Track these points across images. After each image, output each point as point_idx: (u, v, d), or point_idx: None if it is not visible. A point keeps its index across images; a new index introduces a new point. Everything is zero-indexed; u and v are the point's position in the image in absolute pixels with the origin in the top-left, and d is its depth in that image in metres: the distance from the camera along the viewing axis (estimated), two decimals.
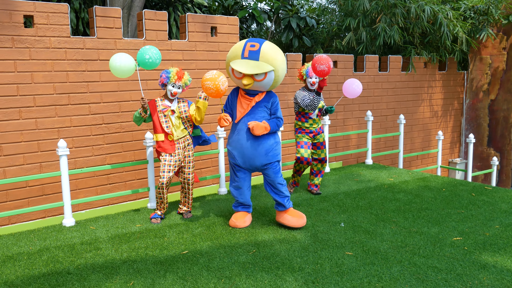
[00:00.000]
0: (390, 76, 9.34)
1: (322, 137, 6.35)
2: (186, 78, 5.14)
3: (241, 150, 4.97)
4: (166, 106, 5.17)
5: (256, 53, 4.76)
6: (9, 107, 5.17)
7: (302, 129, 6.24)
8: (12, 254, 4.49)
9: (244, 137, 4.93)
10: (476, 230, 5.01)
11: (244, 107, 4.98)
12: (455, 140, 10.93)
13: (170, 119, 5.17)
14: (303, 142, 6.17)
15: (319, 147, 6.33)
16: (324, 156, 6.38)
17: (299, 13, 11.66)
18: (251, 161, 4.97)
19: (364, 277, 3.89)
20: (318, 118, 6.28)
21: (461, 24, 9.60)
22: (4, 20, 5.05)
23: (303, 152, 6.09)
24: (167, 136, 5.16)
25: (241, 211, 5.27)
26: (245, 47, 4.82)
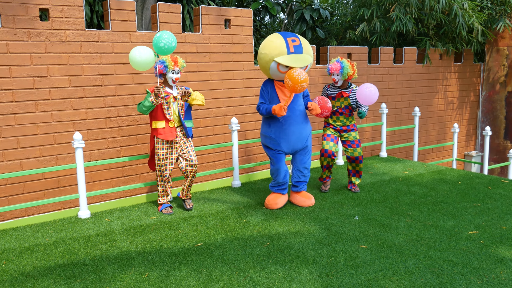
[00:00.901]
0: (405, 68, 9.24)
1: (352, 136, 6.09)
2: (181, 61, 5.25)
3: (288, 135, 5.42)
4: (167, 93, 5.25)
5: (300, 47, 5.23)
6: (25, 100, 5.22)
7: (328, 123, 6.19)
8: (29, 246, 4.56)
9: (292, 123, 5.40)
10: (493, 223, 4.95)
11: (288, 95, 5.35)
12: (471, 133, 10.80)
13: (171, 105, 5.25)
14: (326, 134, 6.11)
15: (349, 145, 6.09)
16: (358, 156, 6.07)
17: (313, 5, 11.57)
18: (294, 145, 5.48)
19: (379, 270, 3.87)
20: (345, 117, 6.06)
21: (477, 14, 9.44)
22: (20, 14, 5.08)
23: (324, 144, 6.04)
24: (168, 122, 5.25)
25: (275, 192, 5.63)
26: (287, 42, 5.18)
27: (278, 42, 5.17)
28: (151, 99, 5.06)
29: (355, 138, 6.11)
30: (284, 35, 5.24)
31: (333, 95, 6.09)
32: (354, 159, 6.11)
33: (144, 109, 5.13)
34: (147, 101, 5.07)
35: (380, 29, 9.45)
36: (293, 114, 5.40)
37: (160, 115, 5.23)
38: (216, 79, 6.66)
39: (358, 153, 6.11)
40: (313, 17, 11.22)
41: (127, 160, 5.68)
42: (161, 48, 4.89)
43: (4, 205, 5.22)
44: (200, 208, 5.62)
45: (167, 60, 5.12)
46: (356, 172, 6.25)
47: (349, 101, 6.04)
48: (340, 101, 6.05)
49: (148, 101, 5.07)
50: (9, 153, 5.19)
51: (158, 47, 4.89)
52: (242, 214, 5.35)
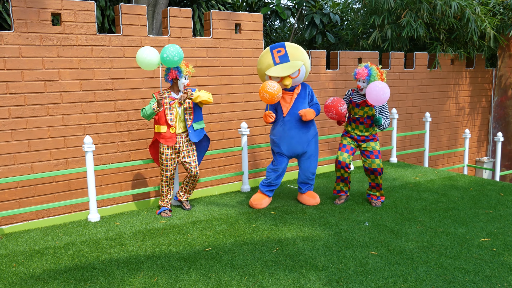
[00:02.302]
0: (416, 73, 9.18)
1: (371, 146, 5.71)
2: (191, 67, 5.33)
3: (287, 139, 5.61)
4: (173, 98, 5.30)
5: (285, 56, 5.50)
6: (37, 103, 5.26)
7: (346, 131, 5.85)
8: (39, 248, 4.58)
9: (291, 127, 5.59)
10: (505, 231, 4.89)
11: (288, 101, 5.62)
12: (482, 139, 10.70)
13: (176, 111, 5.29)
14: (342, 144, 5.79)
15: (368, 155, 5.69)
16: (376, 167, 5.65)
17: (323, 9, 11.56)
18: (294, 148, 5.65)
19: (389, 277, 3.83)
20: (365, 127, 5.69)
21: (489, 20, 9.36)
22: (33, 18, 5.13)
23: (338, 154, 5.75)
24: (169, 128, 5.29)
25: (264, 193, 5.81)
26: (273, 54, 5.52)
27: (266, 56, 5.56)
28: (153, 107, 5.14)
29: (374, 149, 5.70)
30: (271, 48, 5.56)
31: (357, 102, 5.69)
32: (372, 170, 5.69)
33: (147, 115, 5.21)
34: (150, 107, 5.16)
35: (391, 35, 9.41)
36: (293, 119, 5.59)
37: (162, 120, 5.29)
38: (226, 83, 6.66)
39: (377, 165, 5.67)
40: (323, 21, 11.21)
41: (137, 164, 5.70)
42: (164, 58, 5.02)
43: (15, 208, 5.25)
44: (209, 212, 5.62)
45: (181, 65, 5.19)
46: (376, 185, 5.81)
47: (373, 111, 5.63)
48: (364, 110, 5.64)
49: (151, 108, 5.16)
50: (20, 156, 5.23)
51: (162, 56, 5.03)
52: (251, 219, 5.33)
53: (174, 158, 5.40)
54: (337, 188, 5.95)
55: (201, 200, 6.20)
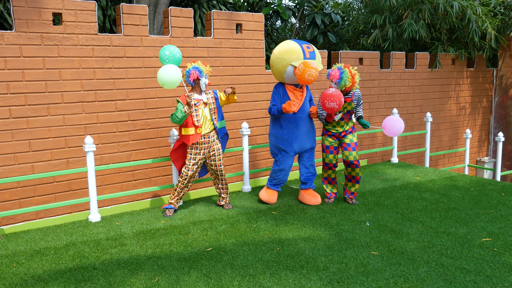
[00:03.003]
0: (417, 73, 9.17)
1: (349, 138, 5.77)
2: (208, 67, 5.38)
3: (300, 136, 5.74)
4: (198, 100, 5.32)
5: (313, 53, 5.66)
6: (37, 103, 5.26)
7: (326, 130, 5.86)
8: (39, 249, 4.58)
9: (303, 124, 5.75)
10: (506, 231, 4.88)
11: (299, 98, 5.71)
12: (483, 139, 10.68)
13: (202, 111, 5.32)
14: (324, 145, 5.84)
15: (345, 148, 5.74)
16: (353, 160, 5.71)
17: (324, 9, 11.55)
18: (305, 144, 5.81)
19: (390, 278, 3.83)
20: (345, 122, 5.76)
21: (490, 20, 9.35)
22: (34, 18, 5.13)
23: (324, 156, 5.87)
24: (196, 129, 5.30)
25: (274, 190, 5.95)
26: (303, 49, 5.60)
27: (295, 49, 5.56)
28: (184, 109, 5.12)
29: (351, 141, 5.77)
30: (299, 43, 5.64)
31: None
32: (349, 163, 5.75)
33: (178, 120, 5.17)
34: (180, 111, 5.12)
35: (392, 35, 9.40)
36: (303, 115, 5.74)
37: (190, 122, 5.28)
38: (227, 83, 6.66)
39: (353, 157, 5.73)
40: (324, 21, 11.20)
41: (138, 164, 5.69)
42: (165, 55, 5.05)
43: (15, 208, 5.25)
44: (210, 212, 5.61)
45: (200, 65, 5.23)
46: (352, 178, 5.85)
47: (352, 105, 5.71)
48: (344, 106, 5.68)
49: (181, 112, 5.12)
50: (21, 156, 5.23)
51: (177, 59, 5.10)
52: (252, 219, 5.33)
53: (202, 159, 5.41)
54: (327, 190, 6.04)
55: (202, 200, 6.20)
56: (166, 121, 6.18)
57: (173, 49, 5.05)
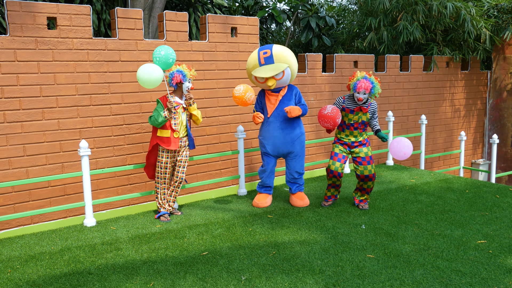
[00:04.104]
0: (412, 76, 9.21)
1: (363, 152, 5.65)
2: (193, 71, 5.37)
3: (272, 139, 5.78)
4: (178, 103, 5.32)
5: (270, 57, 5.62)
6: (32, 107, 5.24)
7: (337, 138, 5.79)
8: (34, 254, 4.55)
9: (275, 128, 5.75)
10: (501, 233, 4.90)
11: (273, 103, 5.77)
12: (478, 141, 10.73)
13: (180, 116, 5.31)
14: (333, 152, 5.72)
15: (360, 162, 5.62)
16: (368, 174, 5.59)
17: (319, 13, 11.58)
18: (279, 148, 5.81)
19: (386, 281, 3.83)
20: (359, 132, 5.67)
21: (485, 20, 9.41)
22: (28, 22, 5.12)
23: (330, 163, 5.67)
24: (173, 133, 5.30)
25: (263, 193, 6.02)
26: (259, 55, 5.66)
27: (253, 57, 5.73)
28: (164, 115, 5.12)
29: (366, 155, 5.63)
30: (259, 49, 5.73)
31: (352, 109, 5.62)
32: (364, 177, 5.62)
33: (157, 124, 5.17)
34: (161, 116, 5.12)
35: (387, 38, 9.44)
36: (276, 120, 5.76)
37: (167, 124, 5.28)
38: (223, 87, 6.66)
39: (369, 171, 5.60)
40: (319, 25, 11.23)
41: (133, 168, 5.68)
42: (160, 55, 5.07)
43: (10, 212, 5.22)
44: (206, 216, 5.60)
45: (184, 69, 5.23)
46: (363, 189, 5.77)
47: (368, 116, 5.63)
48: (359, 115, 5.60)
49: (161, 116, 5.13)
50: (16, 160, 5.21)
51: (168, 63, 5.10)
52: (248, 223, 5.32)
53: (172, 161, 5.42)
54: (328, 194, 5.95)
55: (197, 204, 6.19)
56: None
57: (168, 53, 5.06)
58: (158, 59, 5.05)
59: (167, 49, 5.09)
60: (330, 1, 12.53)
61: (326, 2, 12.51)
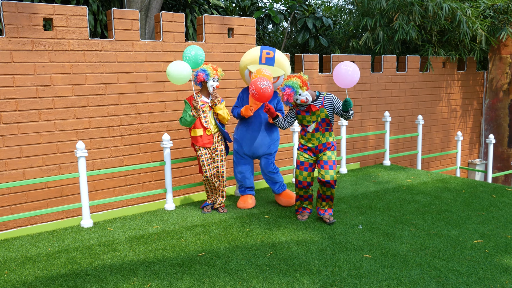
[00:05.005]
0: (408, 76, 9.23)
1: (327, 155, 5.15)
2: (220, 70, 5.45)
3: (250, 139, 5.76)
4: (204, 102, 5.43)
5: (272, 59, 5.69)
6: (28, 109, 5.23)
7: (301, 144, 5.31)
8: (31, 255, 4.54)
9: (255, 128, 5.75)
10: (498, 232, 4.91)
11: (256, 103, 5.66)
12: (474, 141, 10.76)
13: (208, 114, 5.43)
14: (299, 161, 5.28)
15: (322, 166, 5.14)
16: (329, 179, 5.06)
17: (316, 13, 11.60)
18: (255, 149, 5.79)
19: (383, 280, 3.84)
20: (321, 133, 5.17)
21: (481, 21, 9.45)
22: (24, 23, 5.11)
23: (297, 174, 5.30)
24: (205, 130, 5.43)
25: (247, 194, 6.00)
26: (261, 54, 5.67)
27: (254, 53, 5.73)
28: (192, 113, 5.25)
29: (329, 159, 5.11)
30: (262, 48, 5.75)
31: (305, 110, 5.17)
32: (324, 183, 5.09)
33: (188, 123, 5.31)
34: (188, 115, 5.25)
35: (383, 38, 9.46)
36: (256, 120, 5.76)
37: (198, 123, 5.41)
38: (220, 87, 6.66)
39: (330, 176, 5.05)
40: (316, 25, 11.25)
41: (130, 169, 5.68)
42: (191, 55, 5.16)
43: (6, 214, 5.21)
44: (203, 217, 5.60)
45: (208, 68, 5.32)
46: (327, 197, 5.23)
47: (326, 112, 5.10)
48: (316, 115, 5.11)
49: (190, 116, 5.25)
50: (12, 162, 5.20)
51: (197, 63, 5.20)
52: (245, 223, 5.33)
53: (212, 158, 5.54)
54: (302, 206, 5.47)
55: (194, 204, 6.18)
56: (158, 126, 6.17)
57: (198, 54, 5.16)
58: (188, 58, 5.15)
59: (198, 49, 5.18)
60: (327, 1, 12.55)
61: (323, 3, 12.53)
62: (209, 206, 5.78)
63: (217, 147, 5.57)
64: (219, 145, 5.59)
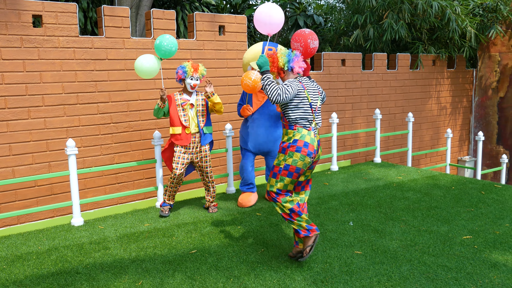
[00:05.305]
0: (399, 74, 9.28)
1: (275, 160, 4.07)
2: (201, 69, 5.34)
3: (254, 136, 5.72)
4: (185, 100, 5.33)
5: None
6: (18, 106, 5.19)
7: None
8: (21, 254, 4.52)
9: (259, 125, 5.69)
10: (486, 228, 4.96)
11: (259, 99, 5.68)
12: (464, 138, 10.85)
13: (188, 112, 5.32)
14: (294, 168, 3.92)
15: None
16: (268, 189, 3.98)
17: (307, 11, 11.62)
18: (261, 146, 5.74)
19: (374, 276, 3.86)
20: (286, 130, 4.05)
21: (470, 19, 9.53)
22: (13, 20, 5.07)
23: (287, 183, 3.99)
24: (185, 129, 5.31)
25: (246, 191, 5.94)
26: (263, 49, 5.45)
27: (256, 49, 5.64)
28: (158, 102, 5.21)
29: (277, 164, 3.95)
30: (264, 43, 5.59)
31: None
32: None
33: (155, 113, 5.27)
34: (157, 104, 5.24)
35: (373, 35, 9.51)
36: (261, 117, 5.69)
37: (176, 121, 5.31)
38: None
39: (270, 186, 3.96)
40: (307, 23, 11.26)
41: (121, 166, 5.65)
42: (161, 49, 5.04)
43: None
44: (195, 214, 5.60)
45: (187, 66, 5.23)
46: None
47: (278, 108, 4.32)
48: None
49: (157, 105, 5.23)
50: (1, 160, 5.16)
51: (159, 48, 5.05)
52: (236, 221, 5.33)
53: (187, 158, 5.39)
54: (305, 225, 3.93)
55: (186, 202, 6.18)
56: (149, 123, 6.15)
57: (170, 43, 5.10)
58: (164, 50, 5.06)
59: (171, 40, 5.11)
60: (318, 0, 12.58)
61: (314, 1, 12.55)
62: (167, 207, 5.55)
63: (200, 147, 5.43)
64: (199, 146, 5.42)
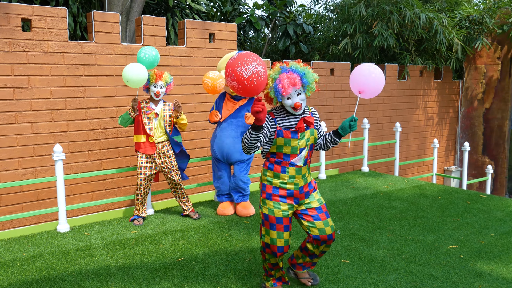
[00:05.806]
0: (387, 84, 9.37)
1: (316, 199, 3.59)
2: (166, 76, 5.28)
3: (221, 145, 5.65)
4: (150, 108, 5.29)
5: None
6: (5, 111, 5.14)
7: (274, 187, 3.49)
8: (5, 260, 4.45)
9: (226, 134, 5.63)
10: (472, 238, 5.01)
11: (229, 109, 5.64)
12: (450, 148, 10.97)
13: (152, 121, 5.28)
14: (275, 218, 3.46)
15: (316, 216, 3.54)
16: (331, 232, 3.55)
17: (296, 20, 11.70)
18: (227, 155, 5.67)
19: (361, 285, 3.88)
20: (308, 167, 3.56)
21: (457, 31, 9.68)
22: (2, 24, 5.03)
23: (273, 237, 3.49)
24: (148, 137, 5.28)
25: (225, 201, 5.91)
26: None
27: (228, 57, 5.63)
28: (129, 111, 5.19)
29: (321, 203, 3.59)
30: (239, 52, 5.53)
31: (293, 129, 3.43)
32: (325, 239, 3.52)
33: (124, 122, 5.23)
34: (126, 113, 5.20)
35: (362, 44, 9.61)
36: (229, 127, 5.64)
37: (141, 129, 5.27)
38: (200, 92, 6.66)
39: (331, 227, 3.53)
40: (296, 32, 11.34)
41: (108, 173, 5.62)
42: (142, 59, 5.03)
43: None
44: (182, 222, 5.58)
45: (151, 73, 5.19)
46: (321, 253, 3.66)
47: (315, 134, 3.53)
48: (306, 138, 3.46)
49: (126, 113, 5.20)
50: None
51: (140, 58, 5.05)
52: (224, 228, 5.32)
53: (150, 168, 5.36)
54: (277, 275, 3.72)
55: (173, 209, 6.15)
56: None
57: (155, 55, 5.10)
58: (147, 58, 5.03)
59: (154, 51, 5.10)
60: (308, 9, 12.66)
61: (304, 10, 12.64)
62: (141, 219, 5.53)
63: (163, 158, 5.37)
64: (166, 156, 5.37)
